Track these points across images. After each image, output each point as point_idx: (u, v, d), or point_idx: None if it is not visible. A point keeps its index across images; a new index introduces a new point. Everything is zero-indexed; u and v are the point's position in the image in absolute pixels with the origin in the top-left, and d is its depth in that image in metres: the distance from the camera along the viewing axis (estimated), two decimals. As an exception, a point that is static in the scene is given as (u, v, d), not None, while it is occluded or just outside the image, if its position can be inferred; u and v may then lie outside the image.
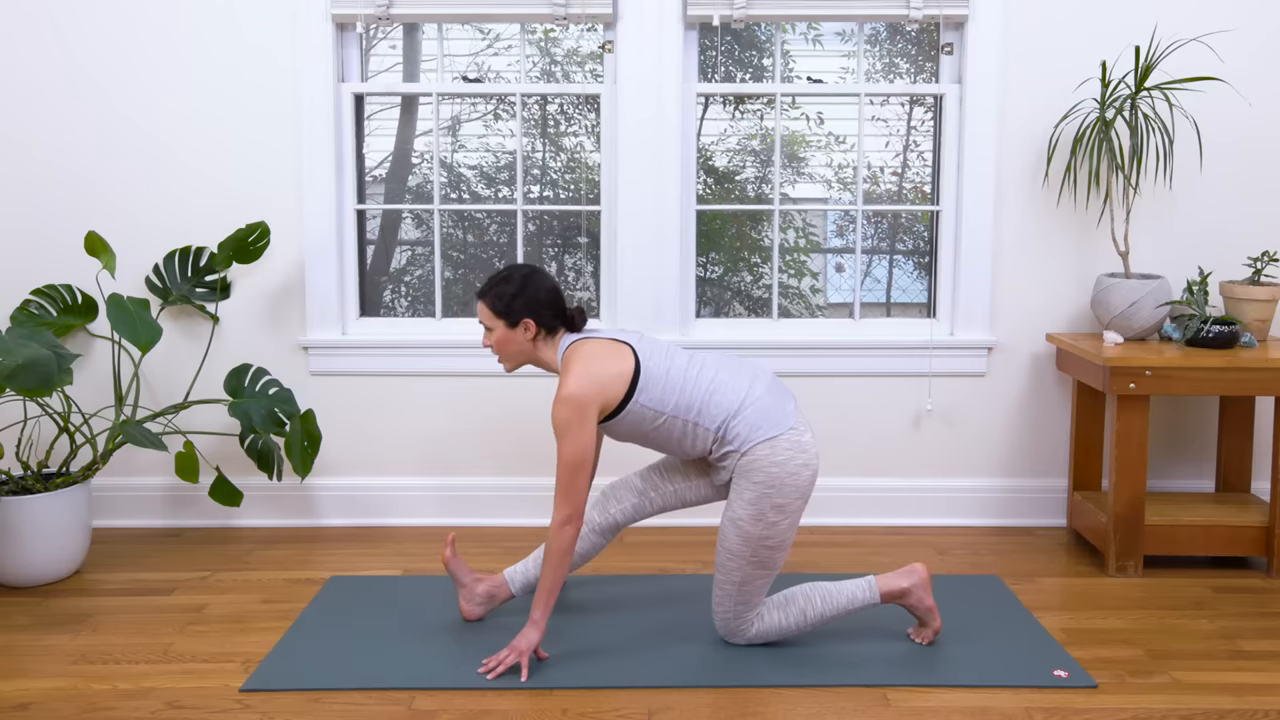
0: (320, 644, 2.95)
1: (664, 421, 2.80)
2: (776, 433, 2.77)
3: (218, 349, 3.92)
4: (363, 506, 3.98)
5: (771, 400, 2.81)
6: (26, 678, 2.77)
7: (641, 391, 2.77)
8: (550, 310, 2.85)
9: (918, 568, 2.91)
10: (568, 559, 2.73)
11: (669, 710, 2.61)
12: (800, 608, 2.87)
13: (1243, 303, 3.64)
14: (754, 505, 2.76)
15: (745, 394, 2.80)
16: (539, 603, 2.75)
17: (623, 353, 2.80)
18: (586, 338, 2.86)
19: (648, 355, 2.83)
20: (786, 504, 2.76)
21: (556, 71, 3.98)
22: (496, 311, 2.84)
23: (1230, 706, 2.63)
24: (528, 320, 2.83)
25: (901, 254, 4.10)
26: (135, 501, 3.96)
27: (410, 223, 4.12)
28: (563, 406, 2.70)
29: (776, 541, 2.78)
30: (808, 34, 3.96)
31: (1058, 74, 3.82)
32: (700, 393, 2.79)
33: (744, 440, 2.77)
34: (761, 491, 2.75)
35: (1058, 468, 4.00)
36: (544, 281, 2.85)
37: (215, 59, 3.80)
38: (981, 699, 2.67)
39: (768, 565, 2.80)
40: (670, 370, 2.81)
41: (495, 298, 2.83)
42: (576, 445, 2.70)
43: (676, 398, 2.78)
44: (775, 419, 2.78)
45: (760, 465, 2.75)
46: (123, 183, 3.84)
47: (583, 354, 2.79)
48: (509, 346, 2.87)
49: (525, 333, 2.84)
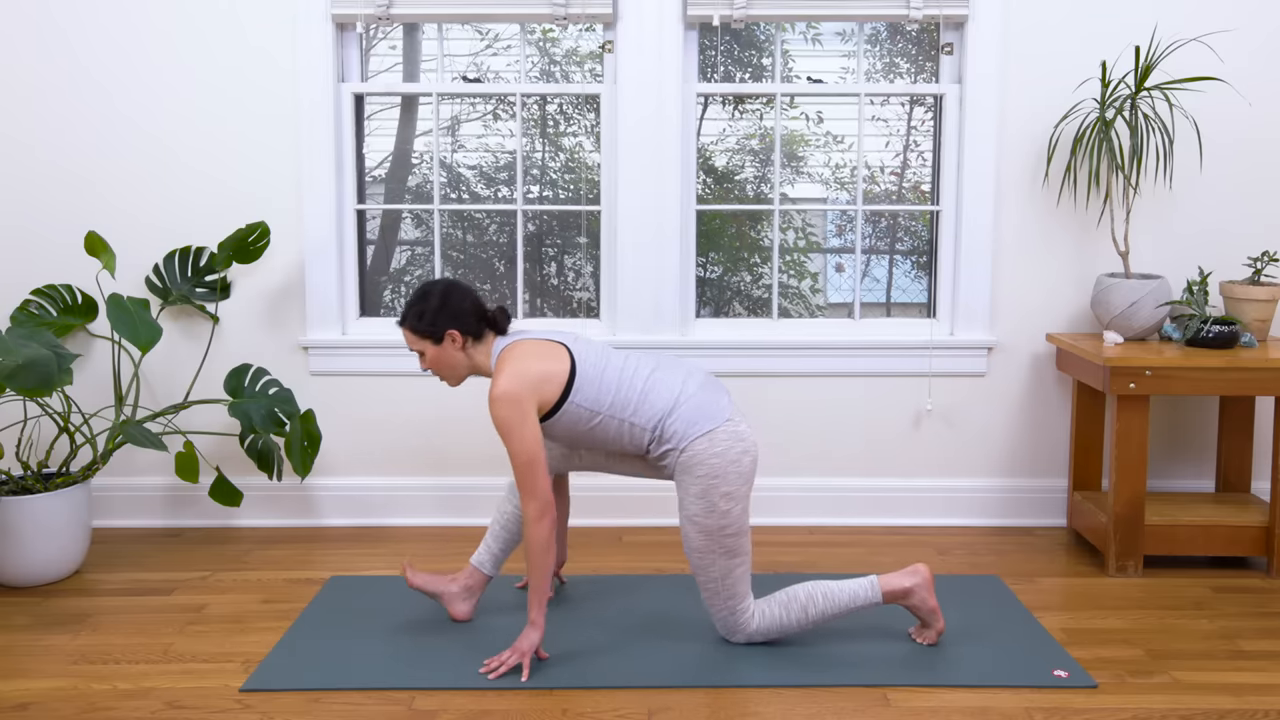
0: (320, 644, 2.95)
1: (600, 421, 2.81)
2: (713, 426, 2.80)
3: (218, 349, 3.92)
4: (363, 506, 3.98)
5: (706, 396, 2.84)
6: (26, 678, 2.77)
7: (577, 391, 2.79)
8: (472, 316, 2.85)
9: (920, 568, 2.91)
10: (550, 551, 2.74)
11: (669, 710, 2.61)
12: (802, 604, 2.88)
13: (1243, 303, 3.64)
14: (703, 499, 2.78)
15: (680, 391, 2.82)
16: (534, 602, 2.76)
17: (557, 353, 2.82)
18: (520, 339, 2.87)
19: (583, 355, 2.84)
20: (733, 491, 2.78)
21: (556, 71, 3.98)
22: (420, 333, 2.85)
23: (1230, 706, 2.63)
24: (452, 331, 2.83)
25: (901, 254, 4.10)
26: (135, 501, 3.96)
27: (410, 223, 4.12)
28: (498, 406, 2.72)
29: (736, 528, 2.80)
30: (807, 34, 3.96)
31: (1058, 74, 3.82)
32: (636, 392, 2.81)
33: (681, 436, 2.79)
34: (707, 484, 2.77)
35: (1058, 468, 4.00)
36: (461, 291, 2.86)
37: (216, 59, 3.80)
38: (981, 699, 2.67)
39: (736, 552, 2.82)
40: (606, 370, 2.83)
41: (415, 319, 2.84)
42: (523, 442, 2.72)
43: (612, 397, 2.80)
44: (711, 413, 2.81)
45: (701, 459, 2.77)
46: (123, 183, 3.84)
47: (516, 354, 2.80)
48: (444, 363, 2.88)
49: (454, 344, 2.85)
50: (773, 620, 2.88)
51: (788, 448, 3.98)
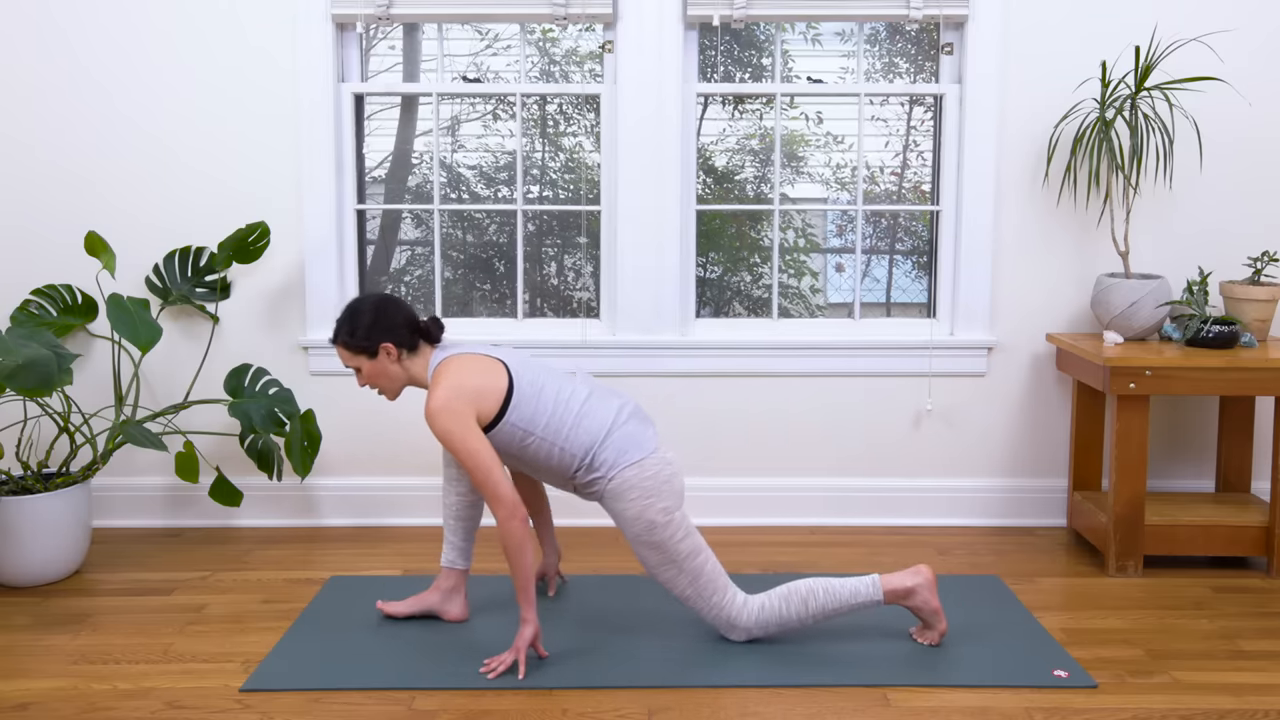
0: (320, 644, 2.95)
1: (532, 442, 2.82)
2: (642, 455, 2.83)
3: (218, 349, 3.92)
4: (363, 506, 3.98)
5: (636, 426, 2.87)
6: (26, 678, 2.77)
7: (513, 410, 2.80)
8: (404, 328, 2.86)
9: (923, 569, 2.90)
10: (526, 548, 2.74)
11: (669, 710, 2.61)
12: (802, 598, 2.87)
13: (1243, 303, 3.64)
14: (640, 519, 2.80)
15: (612, 420, 2.84)
16: (522, 601, 2.77)
17: (495, 369, 2.83)
18: (458, 352, 2.87)
19: (520, 374, 2.85)
20: (668, 505, 2.81)
21: (556, 71, 3.98)
22: (353, 349, 2.86)
23: (1230, 706, 2.63)
24: (386, 345, 2.84)
25: (901, 254, 4.10)
26: (135, 501, 3.96)
27: (410, 223, 4.12)
28: (438, 419, 2.72)
29: (683, 532, 2.82)
30: (807, 34, 3.96)
31: (1058, 74, 3.82)
32: (571, 416, 2.82)
33: (611, 465, 2.81)
34: (641, 505, 2.80)
35: (1058, 468, 4.00)
36: (392, 304, 2.87)
37: (216, 59, 3.80)
38: (981, 699, 2.67)
39: (694, 553, 2.83)
40: (543, 390, 2.84)
41: (348, 335, 2.85)
42: (471, 448, 2.72)
43: (547, 419, 2.81)
44: (641, 443, 2.84)
45: (631, 483, 2.80)
46: (123, 183, 3.84)
47: (453, 368, 2.80)
48: (381, 377, 2.88)
49: (388, 358, 2.85)
50: (773, 614, 2.88)
51: (788, 448, 3.98)
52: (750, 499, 3.98)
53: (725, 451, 3.98)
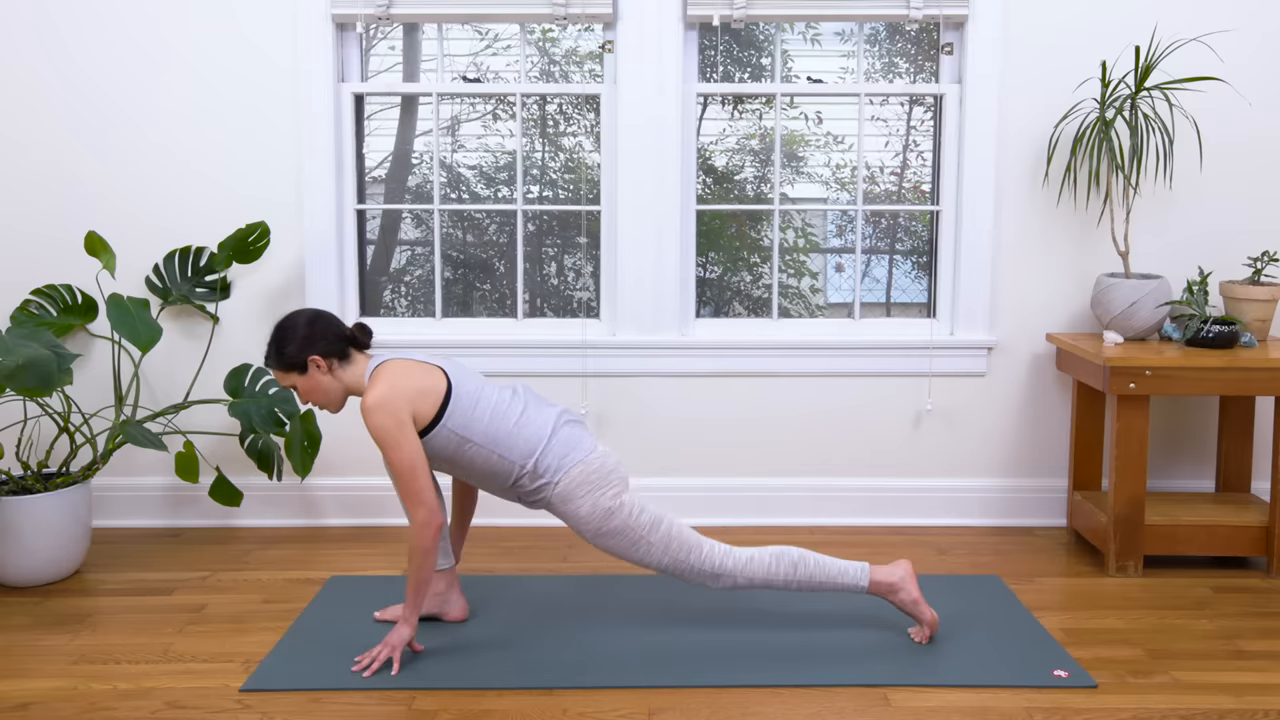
0: (320, 644, 2.95)
1: (470, 449, 2.82)
2: (584, 455, 2.85)
3: (218, 349, 3.92)
4: (363, 506, 3.98)
5: (574, 431, 2.89)
6: (26, 678, 2.77)
7: (450, 415, 2.80)
8: (327, 338, 2.85)
9: (903, 562, 2.96)
10: (432, 557, 2.75)
11: (669, 710, 2.61)
12: (792, 561, 2.89)
13: (1243, 303, 3.64)
14: (595, 511, 2.82)
15: (551, 427, 2.85)
16: (408, 602, 2.77)
17: (434, 373, 2.83)
18: (395, 357, 2.88)
19: (459, 379, 2.86)
20: (617, 489, 2.84)
21: (555, 71, 3.98)
22: (284, 368, 2.86)
23: (1230, 706, 2.63)
24: (314, 358, 2.83)
25: (901, 254, 4.10)
26: (135, 501, 3.96)
27: (410, 223, 4.12)
28: (373, 415, 2.72)
29: (638, 508, 2.85)
30: (806, 34, 3.96)
31: (1058, 74, 3.82)
32: (509, 425, 2.83)
33: (555, 470, 2.82)
34: (592, 500, 2.82)
35: (1058, 468, 4.00)
36: (314, 316, 2.86)
37: (216, 59, 3.80)
38: (981, 699, 2.67)
39: (658, 521, 2.85)
40: (480, 399, 2.84)
41: (276, 356, 2.85)
42: (402, 451, 2.72)
43: (484, 427, 2.82)
44: (581, 444, 2.87)
45: (577, 481, 2.82)
46: (123, 183, 3.84)
47: (389, 370, 2.81)
48: (316, 393, 2.88)
49: (319, 370, 2.85)
50: (760, 567, 2.88)
51: (788, 448, 3.98)
52: (750, 499, 3.98)
53: (725, 451, 3.98)
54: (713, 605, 3.21)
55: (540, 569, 3.55)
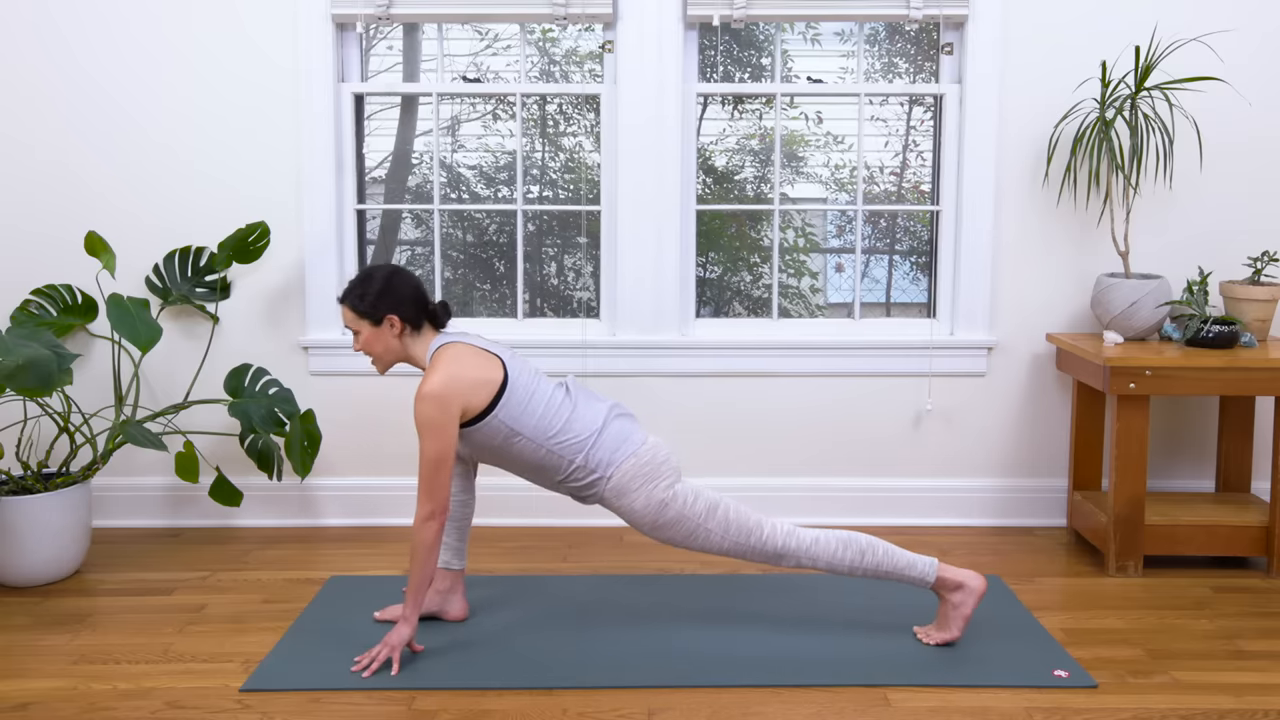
0: (320, 644, 2.95)
1: (519, 442, 2.82)
2: (635, 447, 2.86)
3: (218, 349, 3.92)
4: (363, 506, 3.98)
5: (624, 423, 2.90)
6: (26, 678, 2.77)
7: (503, 407, 2.80)
8: (414, 305, 2.86)
9: (980, 578, 2.92)
10: (434, 554, 2.75)
11: (669, 710, 2.61)
12: (860, 549, 2.88)
13: (1243, 303, 3.64)
14: (650, 503, 2.83)
15: (602, 420, 2.86)
16: (409, 600, 2.77)
17: (492, 363, 2.83)
18: (458, 340, 2.87)
19: (517, 372, 2.86)
20: (670, 480, 2.85)
21: (555, 71, 3.98)
22: (359, 312, 2.85)
23: (1230, 706, 2.63)
24: (391, 316, 2.84)
25: (901, 254, 4.10)
26: (135, 501, 3.96)
27: (410, 223, 4.12)
28: (425, 404, 2.72)
29: (693, 495, 2.85)
30: (806, 34, 3.96)
31: (1058, 74, 3.82)
32: (560, 420, 2.83)
33: (609, 463, 2.83)
34: (646, 492, 2.83)
35: (1058, 468, 4.00)
36: (406, 279, 2.87)
37: (216, 59, 3.80)
38: (981, 699, 2.67)
39: (714, 506, 2.85)
40: (535, 393, 2.85)
41: (357, 299, 2.85)
42: (439, 443, 2.72)
43: (535, 421, 2.82)
44: (632, 437, 2.87)
45: (630, 475, 2.83)
46: (123, 183, 3.84)
47: (451, 355, 2.80)
48: (377, 346, 2.88)
49: (391, 329, 2.85)
50: (825, 550, 2.88)
51: (788, 448, 3.98)
52: (749, 499, 3.98)
53: (725, 451, 3.98)
54: (713, 605, 3.21)
55: (540, 569, 3.55)
